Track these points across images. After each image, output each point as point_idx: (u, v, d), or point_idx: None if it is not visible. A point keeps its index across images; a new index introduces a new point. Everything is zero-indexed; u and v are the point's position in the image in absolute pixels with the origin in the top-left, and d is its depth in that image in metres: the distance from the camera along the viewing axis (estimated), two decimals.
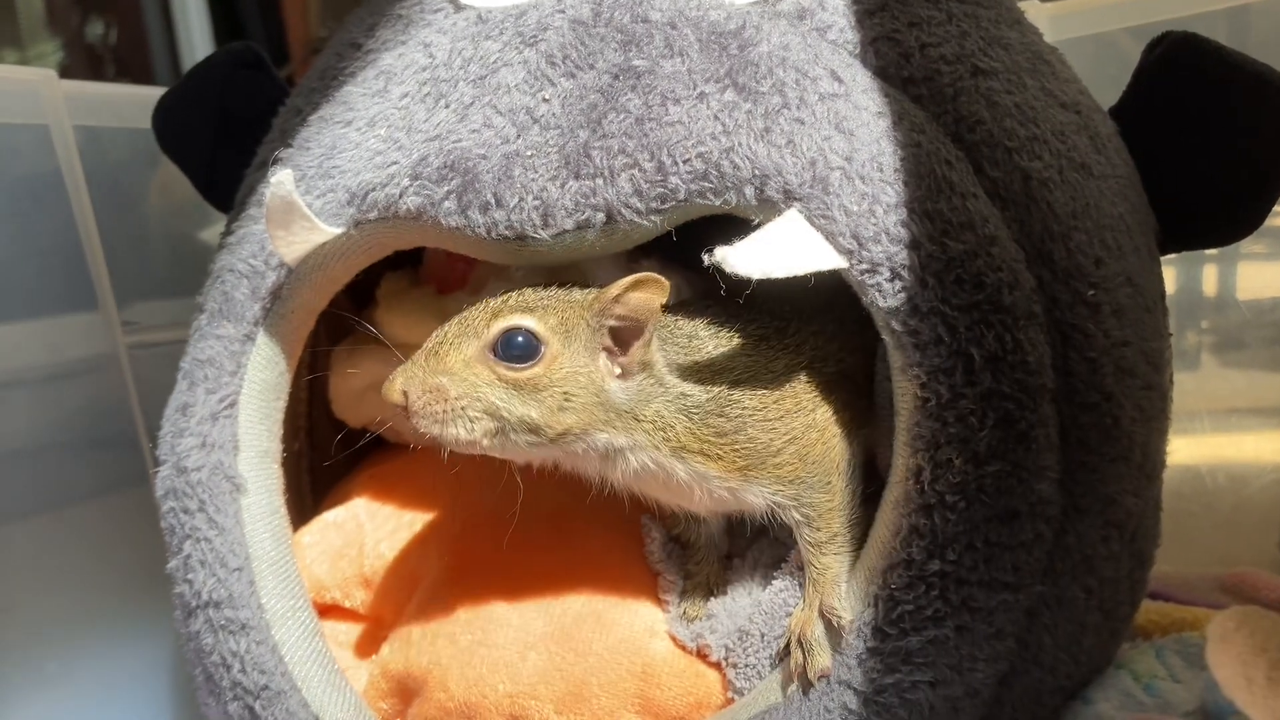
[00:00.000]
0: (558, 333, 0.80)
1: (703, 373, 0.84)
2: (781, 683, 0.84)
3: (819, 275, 0.77)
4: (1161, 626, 1.13)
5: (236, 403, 0.93)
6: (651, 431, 0.83)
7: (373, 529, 1.01)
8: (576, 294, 0.83)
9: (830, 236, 0.77)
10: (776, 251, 0.75)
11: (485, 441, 0.80)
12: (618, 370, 0.82)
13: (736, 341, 0.85)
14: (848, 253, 0.77)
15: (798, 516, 0.85)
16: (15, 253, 1.16)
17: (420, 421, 0.79)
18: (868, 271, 0.77)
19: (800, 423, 0.84)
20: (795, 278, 0.76)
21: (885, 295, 0.77)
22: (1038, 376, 0.79)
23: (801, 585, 0.86)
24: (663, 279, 0.78)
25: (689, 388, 0.83)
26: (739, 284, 0.76)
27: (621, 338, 0.81)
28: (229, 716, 0.90)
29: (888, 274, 0.77)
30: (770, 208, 0.78)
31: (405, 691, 0.94)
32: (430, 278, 1.11)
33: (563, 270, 1.03)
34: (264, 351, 0.94)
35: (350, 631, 1.00)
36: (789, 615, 0.86)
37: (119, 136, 1.28)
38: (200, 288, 0.99)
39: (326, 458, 1.12)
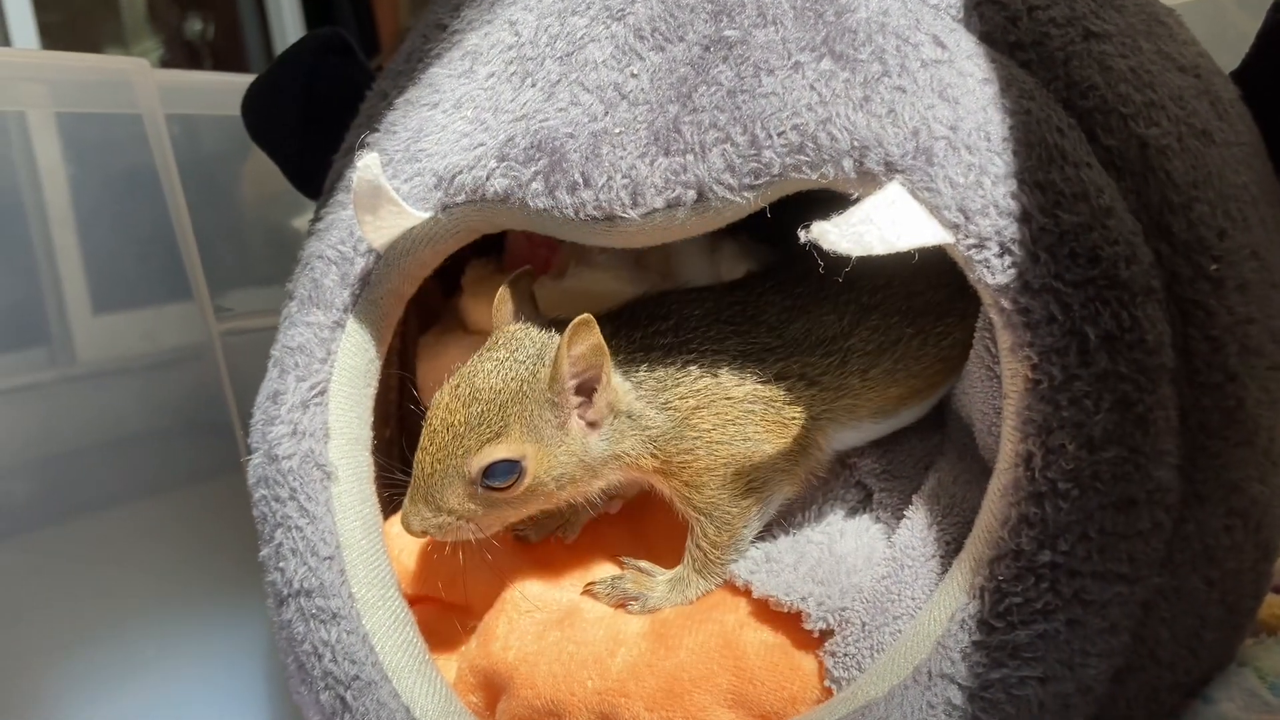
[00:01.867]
0: (529, 438, 0.84)
1: (666, 399, 0.88)
2: (881, 677, 0.80)
3: (921, 251, 0.73)
4: None
5: (327, 390, 0.93)
6: (628, 463, 0.88)
7: None
8: (525, 375, 0.85)
9: (935, 210, 0.73)
10: (877, 227, 0.72)
11: (504, 528, 0.91)
12: (589, 424, 0.86)
13: (701, 363, 0.88)
14: (954, 227, 0.73)
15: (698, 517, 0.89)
16: (114, 243, 1.17)
17: (447, 539, 0.88)
18: (975, 246, 0.73)
19: (739, 456, 0.88)
20: (896, 253, 0.72)
21: (994, 271, 0.73)
22: (1156, 356, 0.74)
23: (900, 573, 0.83)
24: (588, 318, 0.80)
25: (651, 416, 0.87)
26: (837, 262, 0.73)
27: (583, 389, 0.85)
28: (321, 705, 0.90)
29: (996, 249, 0.73)
30: (870, 181, 0.75)
31: (492, 686, 0.93)
32: (514, 264, 1.10)
33: (647, 253, 1.02)
34: (354, 338, 0.94)
35: (440, 621, 0.99)
36: (890, 604, 0.83)
37: (211, 125, 1.29)
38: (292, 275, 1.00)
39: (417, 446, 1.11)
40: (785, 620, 0.86)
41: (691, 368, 0.88)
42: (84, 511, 1.11)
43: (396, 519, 1.00)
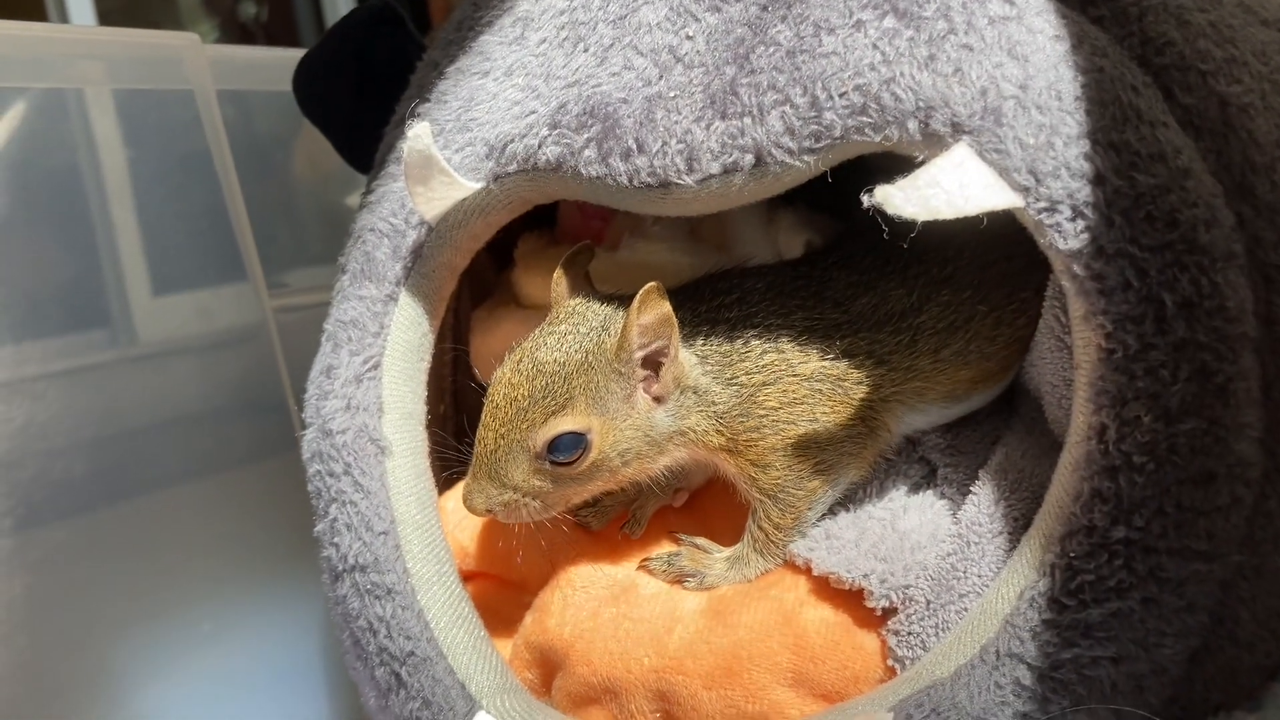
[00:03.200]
0: (594, 411, 0.82)
1: (732, 374, 0.86)
2: (946, 656, 0.78)
3: (990, 215, 0.71)
4: None
5: (380, 364, 0.92)
6: (694, 440, 0.86)
7: None
8: (590, 346, 0.83)
9: (1004, 172, 0.71)
10: (944, 190, 0.69)
11: (569, 506, 0.89)
12: (655, 399, 0.84)
13: (766, 337, 0.86)
14: (1024, 190, 0.71)
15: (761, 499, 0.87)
16: (170, 223, 1.18)
17: (510, 519, 0.86)
18: (1046, 210, 0.70)
19: (807, 436, 0.86)
20: (964, 218, 0.70)
21: (1066, 236, 0.70)
22: (1238, 324, 0.71)
23: (966, 549, 0.81)
24: (657, 285, 0.78)
25: (717, 391, 0.85)
26: (901, 228, 0.71)
27: (649, 362, 0.83)
28: (376, 681, 0.90)
29: (1068, 212, 0.70)
30: (936, 143, 0.72)
31: (548, 662, 0.92)
32: (566, 237, 1.09)
33: (702, 224, 1.00)
34: (406, 312, 0.93)
35: (495, 597, 0.98)
36: (956, 582, 0.81)
37: (263, 102, 1.29)
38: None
39: (473, 420, 1.11)
40: (846, 598, 0.84)
41: (756, 342, 0.86)
42: (143, 491, 1.12)
43: (452, 494, 1.00)
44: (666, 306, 0.79)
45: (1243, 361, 0.72)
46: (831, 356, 0.86)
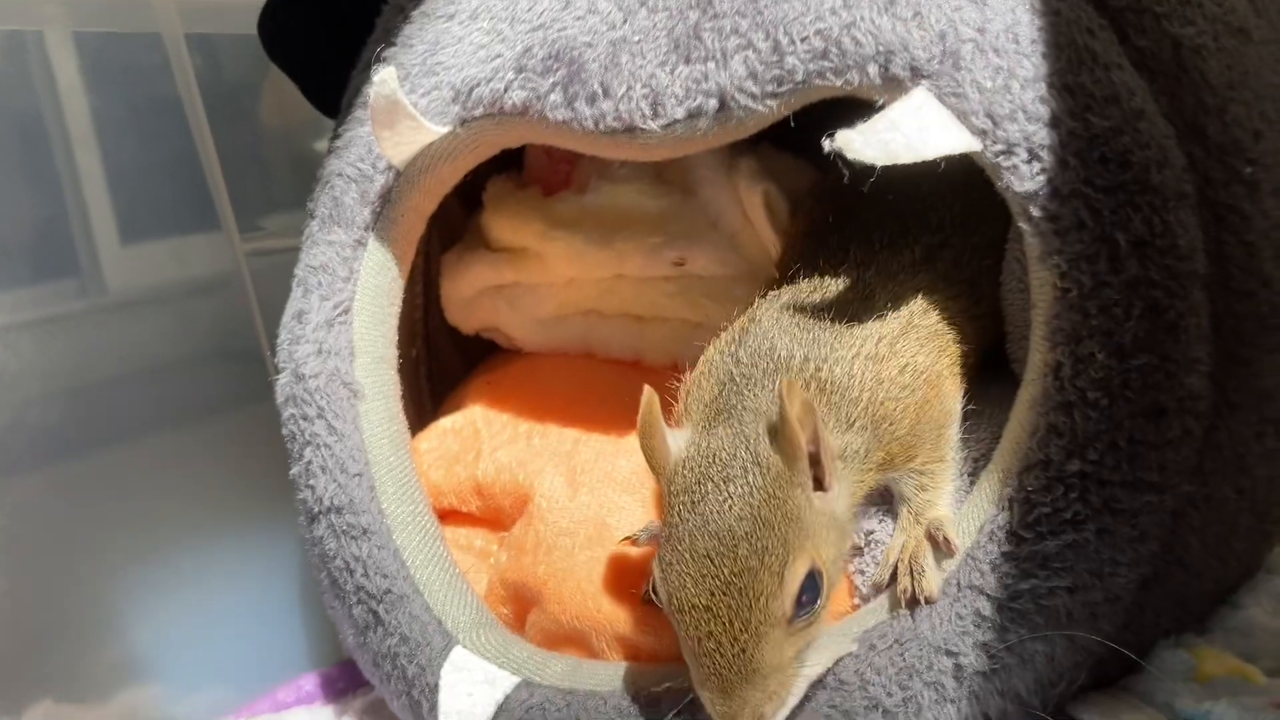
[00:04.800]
0: (805, 542, 0.71)
1: (847, 414, 0.78)
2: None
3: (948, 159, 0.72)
4: None
5: (351, 309, 0.93)
6: (868, 492, 0.80)
7: (489, 436, 1.00)
8: (755, 480, 0.71)
9: (962, 115, 0.72)
10: (904, 134, 0.70)
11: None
12: (826, 490, 0.75)
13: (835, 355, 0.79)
14: (981, 133, 0.72)
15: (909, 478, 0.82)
16: (139, 170, 1.17)
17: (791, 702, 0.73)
18: (1003, 153, 0.72)
19: (920, 394, 0.80)
20: (923, 163, 0.71)
21: (1022, 178, 0.72)
22: (1189, 262, 0.73)
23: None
24: (791, 381, 0.71)
25: (851, 439, 0.77)
26: (862, 172, 0.72)
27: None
28: (354, 619, 0.92)
29: (1025, 155, 0.71)
30: (896, 87, 0.73)
31: (521, 599, 0.94)
32: (534, 180, 1.09)
33: (668, 167, 1.00)
34: (375, 257, 0.94)
35: (470, 536, 1.00)
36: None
37: (231, 46, 1.27)
38: None
39: (444, 364, 1.12)
40: None
41: (837, 368, 0.78)
42: (119, 439, 1.12)
43: (425, 436, 1.01)
44: (803, 393, 0.71)
45: (1193, 298, 0.73)
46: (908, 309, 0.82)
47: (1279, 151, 0.78)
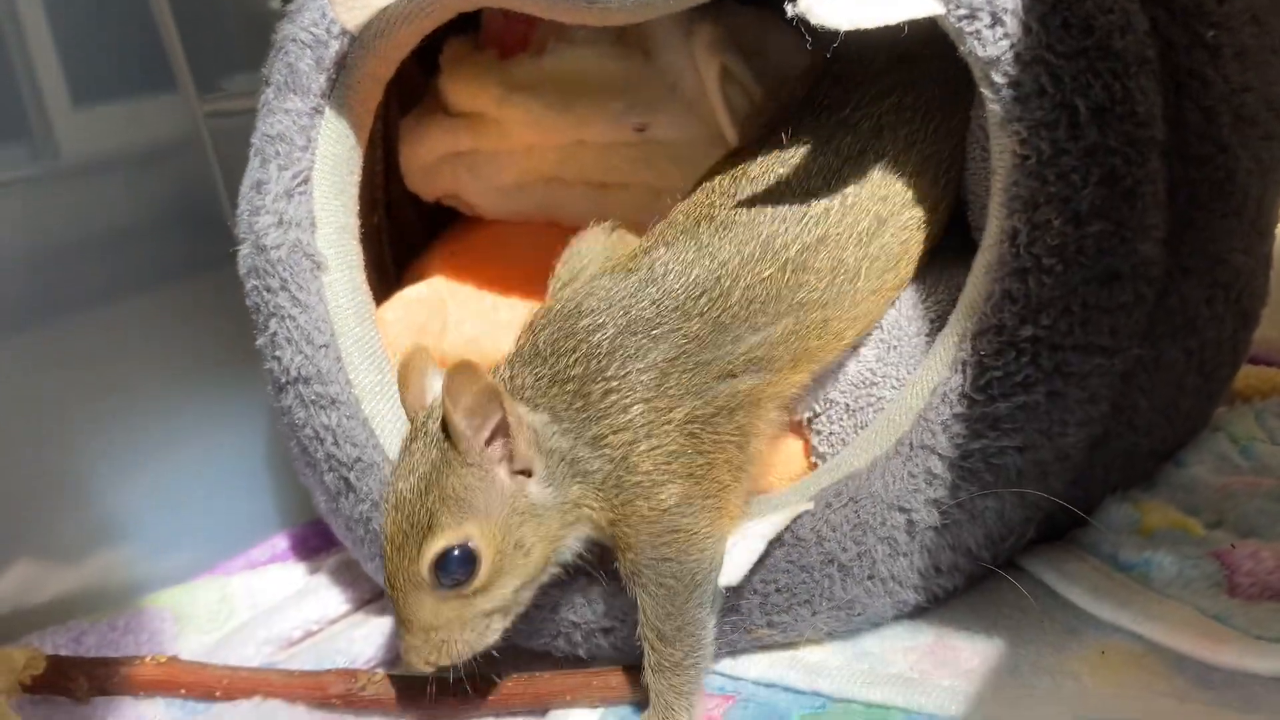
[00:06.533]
0: (465, 516, 0.74)
1: (597, 432, 0.77)
2: (864, 449, 0.83)
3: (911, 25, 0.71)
4: (1261, 391, 1.10)
5: (310, 179, 0.92)
6: (586, 517, 0.78)
7: (455, 307, 1.01)
8: (434, 454, 0.74)
9: None
10: None
11: (508, 623, 0.79)
12: (525, 473, 0.76)
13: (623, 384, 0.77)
14: None
15: (641, 609, 0.79)
16: (84, 28, 1.13)
17: (458, 661, 0.77)
18: (966, 17, 0.71)
19: (680, 494, 0.77)
20: (887, 28, 0.70)
21: (984, 43, 0.71)
22: (1148, 129, 0.73)
23: (886, 354, 0.85)
24: (466, 363, 0.71)
25: (586, 456, 0.77)
26: (825, 38, 0.71)
27: (497, 436, 0.75)
28: (326, 486, 0.93)
29: (988, 19, 0.71)
30: None
31: None
32: (491, 42, 1.07)
33: (628, 30, 0.98)
34: (333, 125, 0.92)
35: None
36: (874, 386, 0.85)
37: None
38: None
39: (406, 232, 1.11)
40: None
41: (615, 396, 0.78)
42: (82, 306, 1.11)
43: (390, 305, 1.01)
44: (483, 379, 0.72)
45: (1150, 165, 0.74)
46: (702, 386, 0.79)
47: (1242, 13, 0.78)
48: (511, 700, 0.86)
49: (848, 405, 0.85)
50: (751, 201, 0.82)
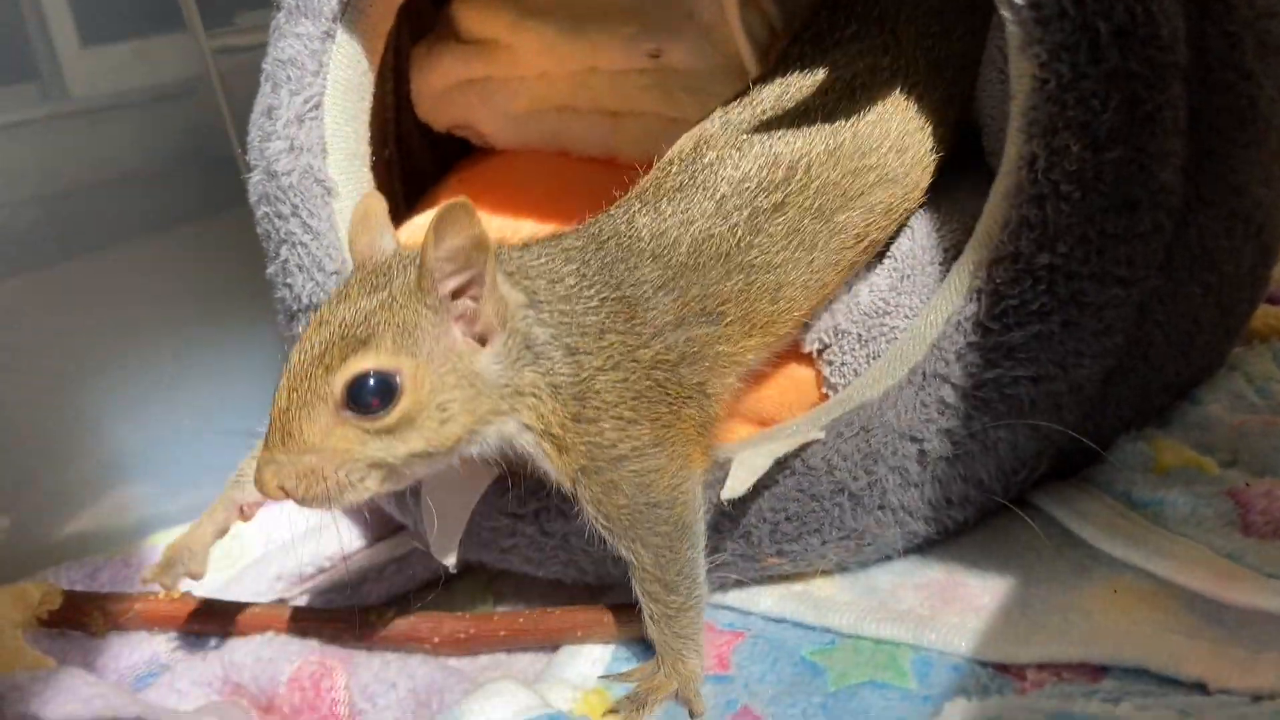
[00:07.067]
0: (403, 349, 0.69)
1: (572, 342, 0.74)
2: (876, 379, 0.82)
3: None
4: (1279, 330, 1.09)
5: (321, 104, 0.91)
6: (529, 410, 0.74)
7: None
8: (396, 283, 0.71)
9: None
10: None
11: (382, 489, 0.72)
12: (479, 341, 0.72)
13: (602, 300, 0.76)
14: None
15: (633, 562, 0.77)
16: None
17: (310, 506, 0.71)
18: None
19: (650, 437, 0.75)
20: None
21: None
22: (1169, 53, 0.72)
23: (899, 283, 0.84)
24: (464, 201, 0.66)
25: (555, 354, 0.74)
26: None
27: (466, 292, 0.71)
28: None
29: None
30: None
31: None
32: None
33: None
34: (345, 49, 0.92)
35: None
36: (887, 316, 0.84)
37: None
38: None
39: (418, 167, 1.10)
40: None
41: (594, 317, 0.75)
42: (93, 247, 1.11)
43: (400, 231, 1.00)
44: (477, 227, 0.67)
45: (1171, 91, 0.73)
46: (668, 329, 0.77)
47: None
48: (523, 636, 0.86)
49: (860, 335, 0.85)
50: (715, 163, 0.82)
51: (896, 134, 0.83)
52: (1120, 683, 0.71)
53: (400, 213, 1.06)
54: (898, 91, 0.84)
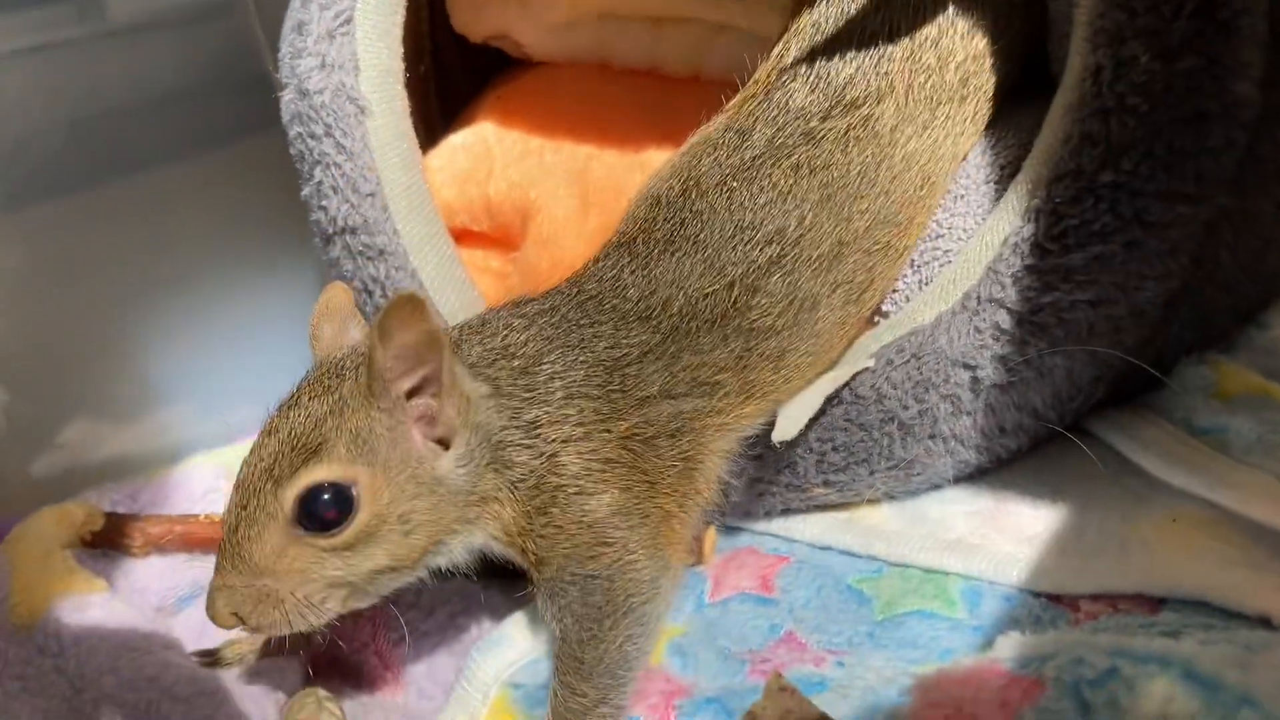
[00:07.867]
0: (358, 457, 0.64)
1: (531, 400, 0.69)
2: (928, 305, 0.80)
3: None
4: None
5: (353, 19, 0.89)
6: (495, 515, 0.69)
7: (500, 153, 0.97)
8: (346, 375, 0.66)
9: None
10: None
11: (346, 608, 0.68)
12: (441, 444, 0.67)
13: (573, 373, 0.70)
14: None
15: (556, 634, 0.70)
16: None
17: (267, 633, 0.67)
18: None
19: (616, 505, 0.69)
20: None
21: None
22: None
23: (953, 204, 0.81)
24: (413, 295, 0.61)
25: (515, 443, 0.68)
26: None
27: (425, 390, 0.67)
28: None
29: None
30: None
31: None
32: None
33: None
34: None
35: (486, 258, 1.00)
36: (940, 239, 0.81)
37: None
38: None
39: (453, 81, 1.07)
40: None
41: (558, 383, 0.70)
42: (130, 170, 1.11)
43: (436, 153, 0.98)
44: (427, 321, 0.62)
45: None
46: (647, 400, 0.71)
47: None
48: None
49: (911, 260, 0.82)
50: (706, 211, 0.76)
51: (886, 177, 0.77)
52: (1179, 615, 0.68)
53: (437, 133, 1.04)
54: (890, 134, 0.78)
